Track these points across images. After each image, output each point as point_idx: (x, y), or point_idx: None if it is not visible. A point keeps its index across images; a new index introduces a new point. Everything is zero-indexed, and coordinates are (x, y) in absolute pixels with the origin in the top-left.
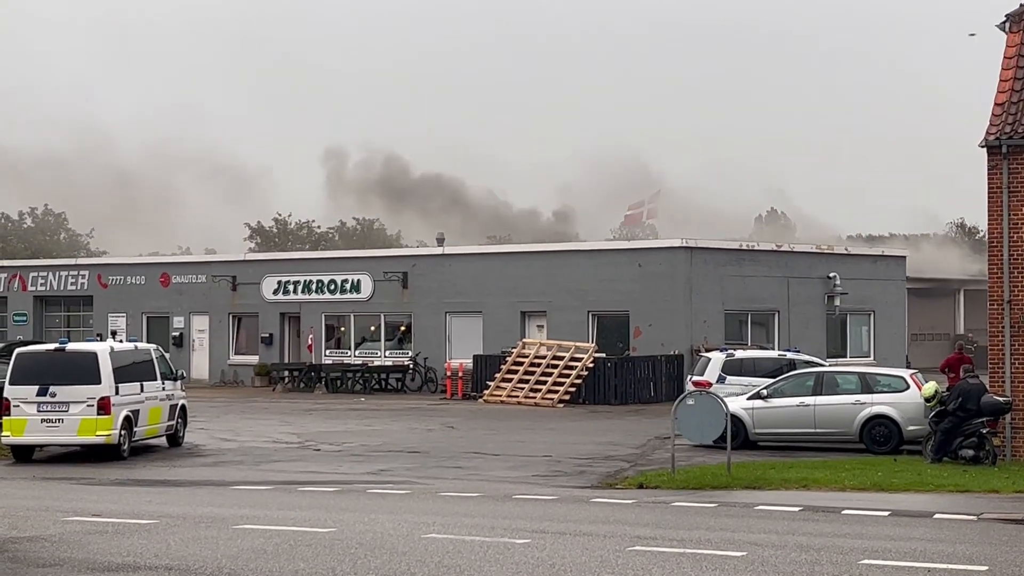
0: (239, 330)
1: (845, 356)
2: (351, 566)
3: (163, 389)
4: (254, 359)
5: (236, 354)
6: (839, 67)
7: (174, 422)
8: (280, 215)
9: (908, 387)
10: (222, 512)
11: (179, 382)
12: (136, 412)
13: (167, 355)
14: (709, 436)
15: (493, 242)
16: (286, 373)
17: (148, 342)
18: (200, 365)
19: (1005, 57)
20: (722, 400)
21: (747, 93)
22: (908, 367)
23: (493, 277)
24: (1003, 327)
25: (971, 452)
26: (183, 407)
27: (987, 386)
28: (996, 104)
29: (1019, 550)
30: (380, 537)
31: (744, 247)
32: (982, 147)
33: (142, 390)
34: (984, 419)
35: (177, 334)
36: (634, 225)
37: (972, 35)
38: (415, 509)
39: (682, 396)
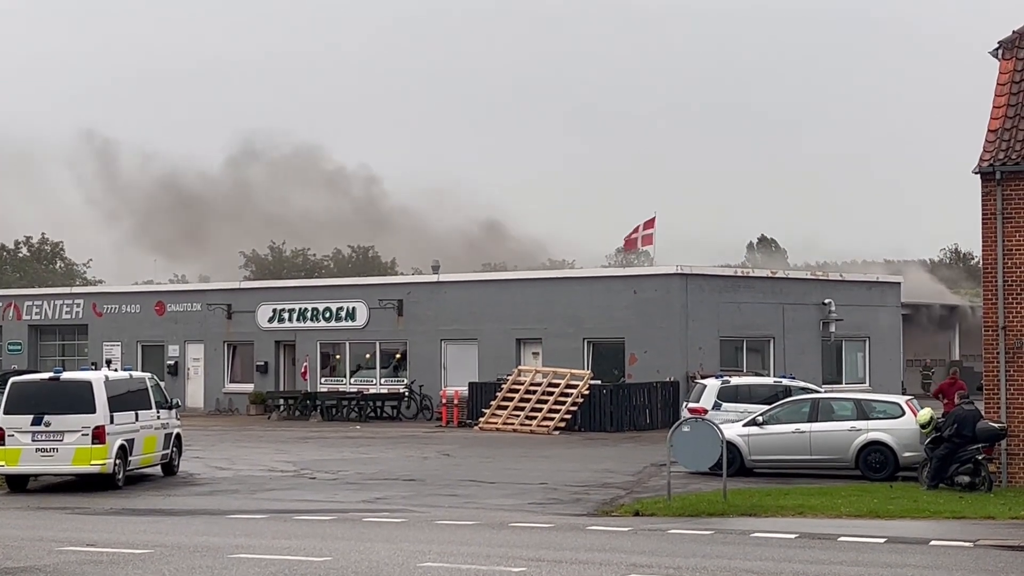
0: (234, 358)
1: (840, 382)
2: None
3: (158, 418)
4: (249, 387)
5: (231, 382)
6: (830, 91)
7: (169, 451)
8: (274, 243)
9: (904, 413)
10: (217, 541)
11: (174, 411)
12: (131, 441)
13: (162, 384)
14: (705, 463)
15: (488, 269)
16: (281, 401)
17: (143, 371)
18: (195, 393)
19: (998, 84)
20: (717, 427)
21: (737, 119)
22: (904, 393)
23: (488, 304)
24: (998, 353)
25: (967, 478)
26: (178, 436)
27: (982, 412)
28: (989, 131)
29: None
30: (375, 566)
31: (739, 274)
32: (976, 173)
33: (137, 419)
34: (980, 445)
35: (172, 362)
36: (631, 251)
37: None
38: (411, 538)
39: (678, 423)
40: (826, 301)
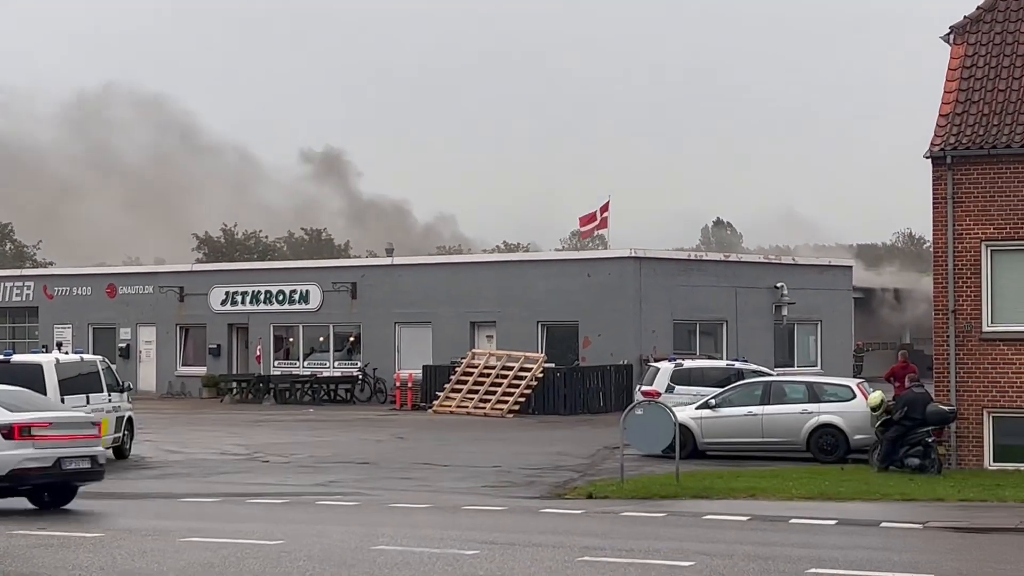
0: (186, 341)
1: (792, 365)
2: None
3: (109, 401)
4: (202, 370)
5: (183, 365)
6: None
7: (121, 434)
8: (226, 225)
9: (855, 396)
10: (169, 525)
11: (126, 394)
12: None
13: (113, 367)
14: (658, 446)
15: (442, 253)
16: (234, 384)
17: (94, 354)
18: (147, 377)
19: (949, 69)
20: (671, 410)
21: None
22: (858, 374)
23: (442, 288)
24: (948, 336)
25: (917, 461)
26: (130, 419)
27: (932, 395)
28: (941, 115)
29: (964, 558)
30: (329, 549)
31: (692, 257)
32: (927, 158)
33: (88, 402)
34: (929, 428)
35: (124, 345)
36: (589, 237)
37: None
38: (364, 521)
39: (631, 406)
40: (778, 285)
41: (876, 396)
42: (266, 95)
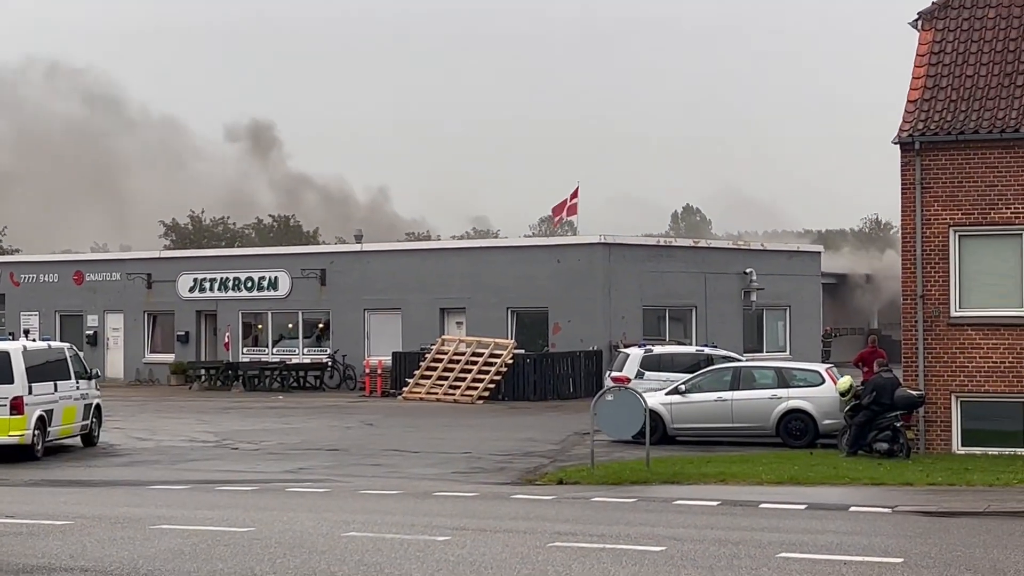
0: (154, 328)
1: (761, 351)
2: (270, 566)
3: (77, 388)
4: (170, 357)
5: (152, 352)
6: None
7: (89, 422)
8: (194, 212)
9: (824, 382)
10: (138, 512)
11: (94, 381)
12: (50, 412)
13: (81, 354)
14: (628, 432)
15: (412, 239)
16: (203, 371)
17: (62, 341)
18: (115, 364)
19: (918, 55)
20: (641, 396)
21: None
22: (826, 360)
23: (412, 274)
24: (916, 321)
25: (885, 445)
26: (98, 406)
27: (901, 380)
28: (909, 101)
29: (933, 542)
30: (299, 536)
31: (662, 243)
32: (896, 144)
33: (56, 389)
34: (898, 413)
35: (91, 332)
36: (560, 225)
37: None
38: (334, 507)
39: (601, 392)
40: (747, 270)
41: (845, 381)
42: (189, 69)
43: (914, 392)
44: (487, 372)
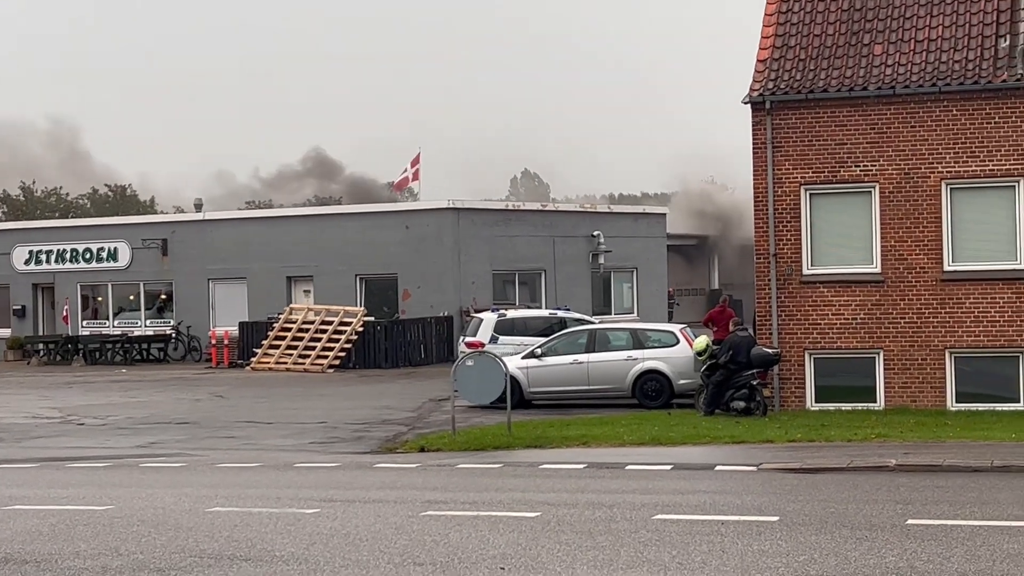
0: None
1: (610, 313)
2: (136, 544)
3: None
4: (6, 332)
5: None
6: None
7: None
8: (24, 183)
9: (678, 342)
10: None
11: None
12: None
13: None
14: (488, 397)
15: (253, 207)
16: (41, 346)
17: None
18: None
19: (766, 14)
20: (502, 361)
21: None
22: (671, 320)
23: (256, 242)
24: (769, 280)
25: (742, 404)
26: None
27: (755, 338)
28: (759, 61)
29: (804, 500)
30: (162, 513)
31: (510, 207)
32: (746, 103)
33: None
34: (754, 371)
35: None
36: (402, 191)
37: None
38: (194, 482)
39: (462, 358)
40: (595, 233)
41: (701, 341)
42: None
43: (770, 350)
44: (337, 340)
